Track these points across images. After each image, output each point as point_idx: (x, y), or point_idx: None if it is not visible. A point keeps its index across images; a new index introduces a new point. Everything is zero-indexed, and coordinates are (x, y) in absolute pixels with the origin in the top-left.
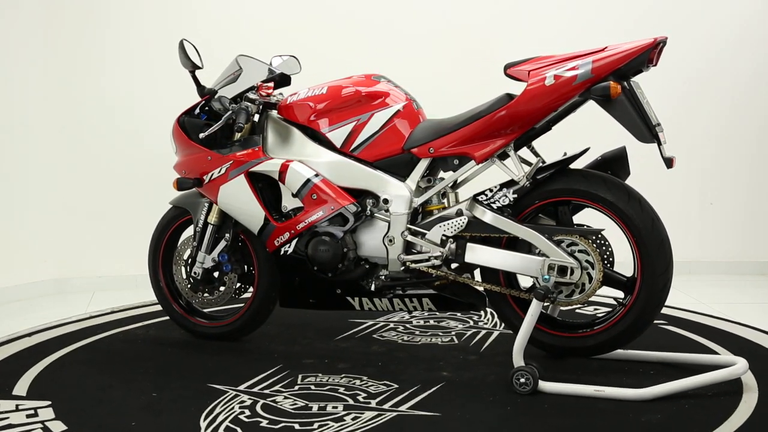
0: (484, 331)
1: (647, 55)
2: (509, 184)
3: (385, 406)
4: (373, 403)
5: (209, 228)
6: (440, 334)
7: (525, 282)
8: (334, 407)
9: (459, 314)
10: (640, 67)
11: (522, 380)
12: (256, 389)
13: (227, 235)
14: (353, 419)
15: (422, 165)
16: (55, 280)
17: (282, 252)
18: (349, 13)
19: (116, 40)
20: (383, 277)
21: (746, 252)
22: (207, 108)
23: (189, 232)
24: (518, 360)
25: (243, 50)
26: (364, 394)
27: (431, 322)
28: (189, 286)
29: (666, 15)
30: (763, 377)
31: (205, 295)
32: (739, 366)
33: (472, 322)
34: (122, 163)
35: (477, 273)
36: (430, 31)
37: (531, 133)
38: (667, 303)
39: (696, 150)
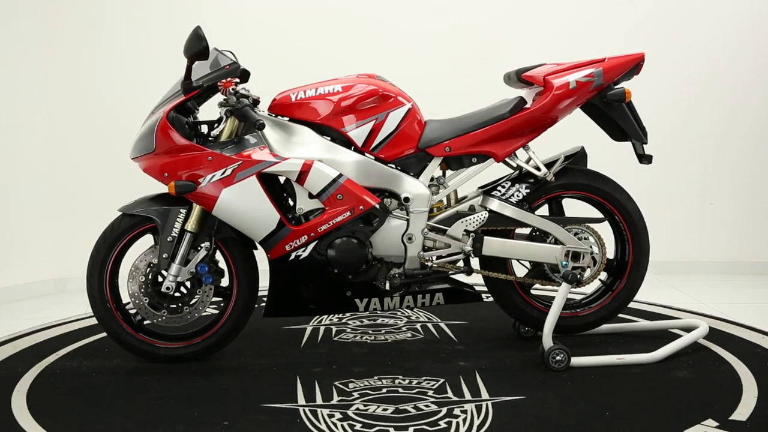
0: (429, 324)
1: (639, 66)
2: (519, 179)
3: (467, 398)
4: (452, 396)
5: (186, 237)
6: (393, 330)
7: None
8: (426, 406)
9: (379, 311)
10: (632, 76)
11: (558, 358)
12: (318, 401)
13: (207, 243)
14: (463, 412)
15: (435, 163)
16: (55, 280)
17: (293, 257)
18: (345, 12)
19: (118, 39)
20: (397, 275)
21: (745, 252)
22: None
23: (140, 243)
24: (549, 341)
25: (243, 49)
26: (430, 391)
27: (366, 321)
28: (148, 303)
29: (667, 16)
30: (763, 377)
31: (167, 312)
32: (703, 327)
33: (406, 318)
34: (123, 162)
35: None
36: (426, 31)
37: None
38: (666, 303)
39: (696, 150)
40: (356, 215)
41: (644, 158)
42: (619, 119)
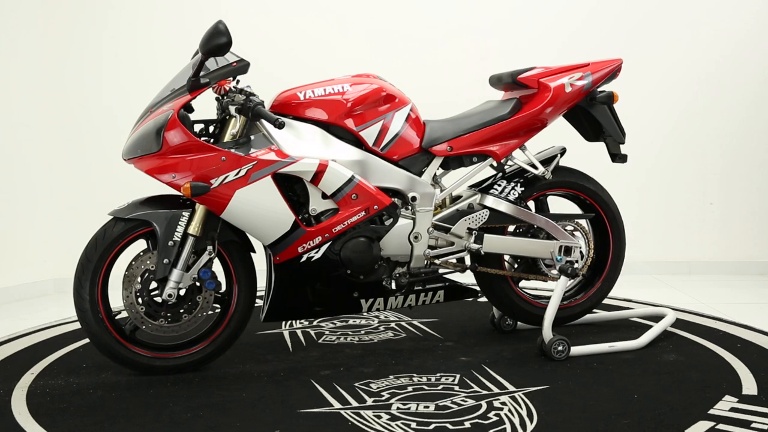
0: (403, 323)
1: (618, 71)
2: (513, 177)
3: (494, 391)
4: (480, 390)
5: (189, 241)
6: (372, 331)
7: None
8: (463, 401)
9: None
10: (611, 80)
11: (560, 348)
12: (353, 404)
13: (210, 247)
14: (502, 404)
15: (436, 163)
16: (55, 280)
17: (304, 259)
18: (345, 12)
19: (117, 39)
20: (402, 274)
21: (746, 252)
22: None
23: (131, 249)
24: (549, 332)
25: (242, 48)
26: (456, 386)
27: (338, 323)
28: (144, 312)
29: (670, 16)
30: (763, 377)
31: (164, 321)
32: (672, 314)
33: (377, 319)
34: (122, 162)
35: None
36: (424, 31)
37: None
38: (666, 303)
39: (696, 150)
40: (370, 215)
41: (618, 157)
42: (602, 120)
